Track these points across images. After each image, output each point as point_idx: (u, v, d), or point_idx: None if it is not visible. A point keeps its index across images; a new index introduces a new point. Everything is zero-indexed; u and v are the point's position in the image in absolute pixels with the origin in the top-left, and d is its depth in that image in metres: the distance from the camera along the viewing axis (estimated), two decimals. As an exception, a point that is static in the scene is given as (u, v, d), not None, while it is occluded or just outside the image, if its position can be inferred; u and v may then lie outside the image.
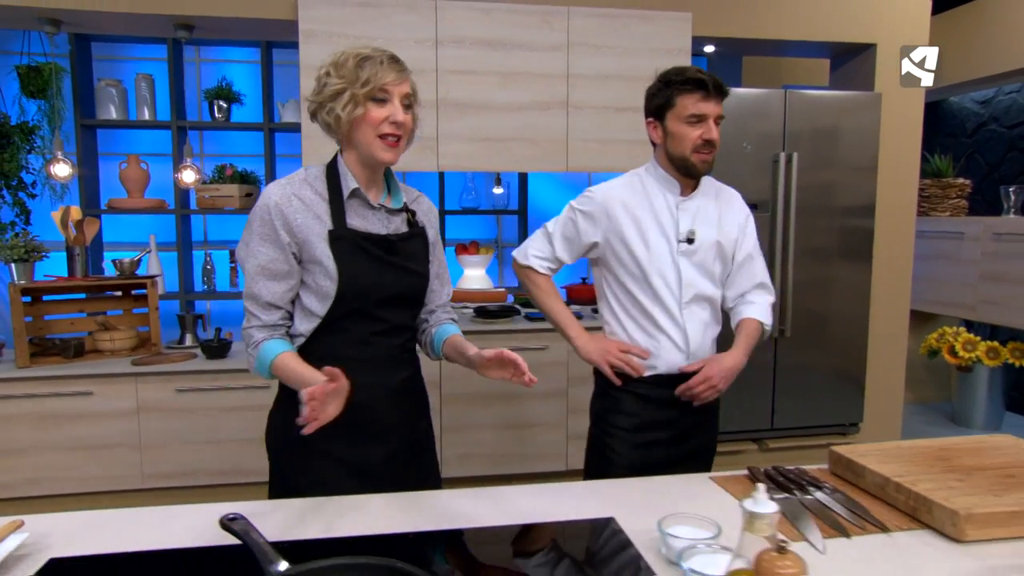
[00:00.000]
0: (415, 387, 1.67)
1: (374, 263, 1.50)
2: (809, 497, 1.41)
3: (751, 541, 0.95)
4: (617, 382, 1.90)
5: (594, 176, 4.27)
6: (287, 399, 1.52)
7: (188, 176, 3.34)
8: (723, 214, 1.94)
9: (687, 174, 1.87)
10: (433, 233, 1.67)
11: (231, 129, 4.05)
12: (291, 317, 1.55)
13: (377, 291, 1.51)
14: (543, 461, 3.49)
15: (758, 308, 1.96)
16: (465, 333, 3.24)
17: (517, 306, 3.71)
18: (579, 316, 3.53)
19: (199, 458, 3.24)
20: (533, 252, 2.01)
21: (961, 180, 4.79)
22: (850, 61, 4.00)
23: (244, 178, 4.02)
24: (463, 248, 4.18)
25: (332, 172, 1.52)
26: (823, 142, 3.64)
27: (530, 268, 2.01)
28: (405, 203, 1.60)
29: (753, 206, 3.58)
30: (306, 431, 1.26)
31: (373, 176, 1.54)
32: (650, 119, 1.94)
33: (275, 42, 3.91)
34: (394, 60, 1.46)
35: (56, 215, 3.40)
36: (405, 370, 1.61)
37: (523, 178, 4.30)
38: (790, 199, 3.59)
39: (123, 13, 3.15)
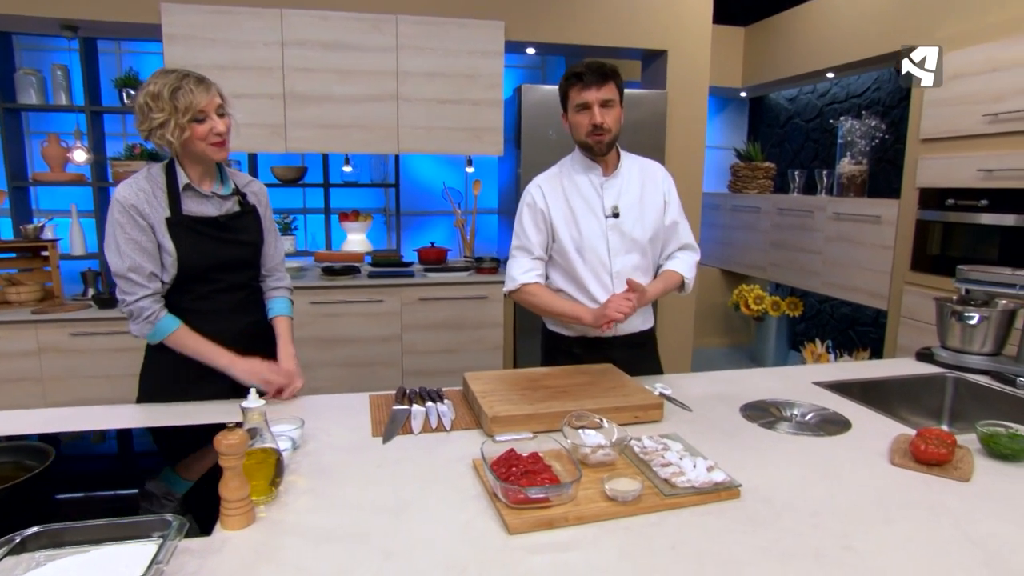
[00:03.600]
0: (260, 331, 1.84)
1: (207, 240, 1.68)
2: (419, 407, 1.64)
3: (250, 426, 1.17)
4: (606, 329, 1.81)
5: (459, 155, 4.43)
6: (156, 352, 1.71)
7: (79, 156, 3.44)
8: (645, 186, 1.93)
9: (593, 155, 1.87)
10: (263, 209, 1.84)
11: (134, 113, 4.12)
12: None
13: (210, 261, 1.69)
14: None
15: (680, 263, 1.98)
16: (313, 288, 3.43)
17: (358, 265, 3.89)
18: (407, 274, 3.71)
19: (94, 389, 3.41)
20: (516, 273, 1.93)
21: (767, 164, 5.04)
22: (653, 63, 4.19)
23: (152, 156, 4.13)
24: (344, 216, 4.33)
25: (170, 170, 1.66)
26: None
27: (523, 286, 1.93)
28: (236, 188, 1.77)
29: (558, 184, 3.81)
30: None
31: (206, 171, 1.70)
32: (563, 114, 1.90)
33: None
34: (200, 81, 1.60)
35: (-34, 187, 3.51)
36: (248, 317, 1.81)
37: (397, 158, 4.44)
38: (589, 179, 3.79)
39: (11, 15, 3.22)
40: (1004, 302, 1.99)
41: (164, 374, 1.73)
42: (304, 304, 3.49)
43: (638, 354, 2.06)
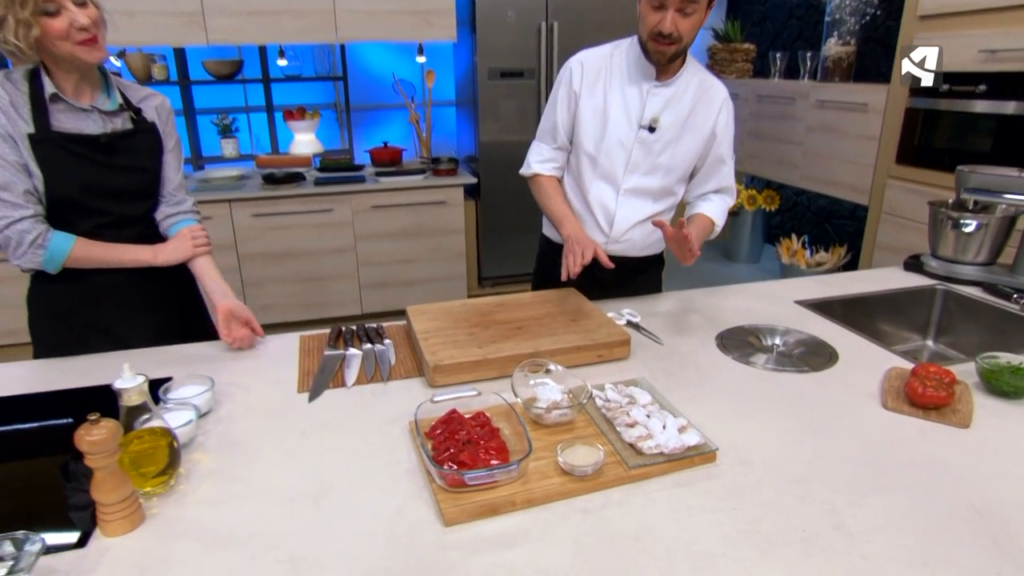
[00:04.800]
0: (162, 272, 1.53)
1: (85, 163, 1.38)
2: (355, 350, 1.44)
3: (125, 411, 0.96)
4: (564, 276, 1.53)
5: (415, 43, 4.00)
6: (45, 281, 1.44)
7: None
8: (697, 108, 1.61)
9: (651, 59, 1.55)
10: (164, 127, 1.53)
11: None
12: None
13: (90, 189, 1.39)
14: (341, 307, 3.53)
15: (714, 207, 1.71)
16: (255, 199, 3.13)
17: (303, 171, 3.56)
18: (357, 179, 3.39)
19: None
20: (533, 160, 1.75)
21: (747, 45, 4.66)
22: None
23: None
24: (289, 114, 3.95)
25: (35, 77, 1.34)
26: (583, 11, 3.45)
27: (536, 176, 1.75)
28: (127, 103, 1.46)
29: (519, 73, 3.47)
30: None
31: (83, 79, 1.37)
32: None
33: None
34: None
35: None
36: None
37: (342, 47, 4.00)
38: (552, 65, 3.45)
39: None
40: (1004, 207, 1.81)
41: (58, 322, 1.49)
42: (246, 217, 3.21)
43: (636, 280, 1.83)
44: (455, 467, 0.97)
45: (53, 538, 0.87)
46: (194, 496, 0.99)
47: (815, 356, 1.43)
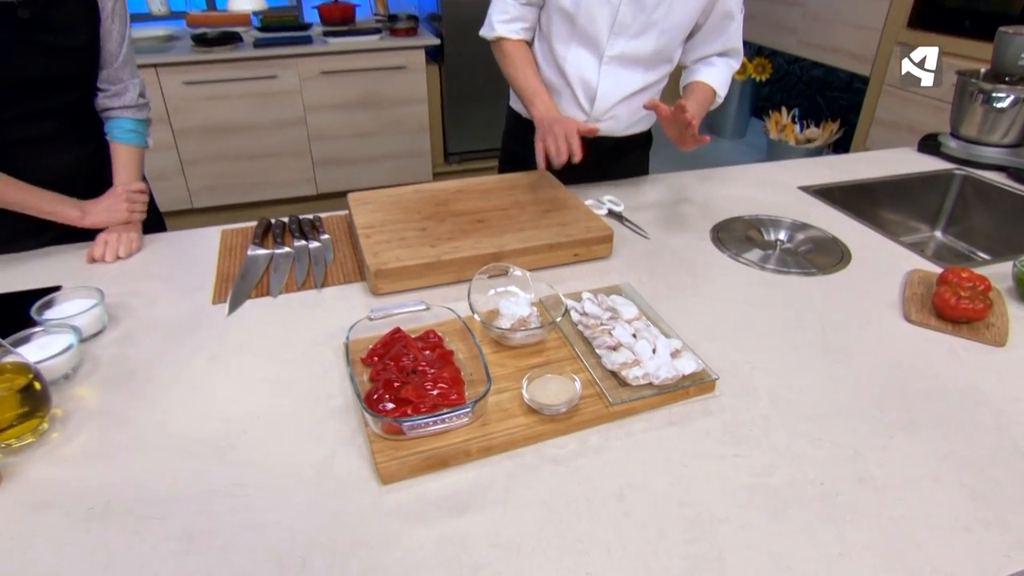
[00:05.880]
0: (97, 164, 1.27)
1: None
2: (285, 250, 1.21)
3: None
4: (543, 166, 1.29)
5: None
6: None
7: None
8: None
9: None
10: None
11: None
12: None
13: (7, 81, 1.08)
14: (294, 187, 3.22)
15: (717, 73, 1.40)
16: (185, 64, 2.73)
17: (241, 31, 3.11)
18: (302, 40, 2.96)
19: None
20: (496, 19, 1.41)
21: None
22: None
23: None
24: (224, -37, 3.42)
25: None
26: None
27: (500, 41, 1.42)
28: None
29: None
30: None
31: None
32: None
33: None
34: None
35: None
36: (74, 151, 1.24)
37: None
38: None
39: None
40: (1045, 76, 1.57)
41: None
42: (177, 85, 2.81)
43: (620, 163, 1.57)
44: (393, 408, 0.78)
45: None
46: (68, 448, 0.79)
47: (824, 255, 1.23)
